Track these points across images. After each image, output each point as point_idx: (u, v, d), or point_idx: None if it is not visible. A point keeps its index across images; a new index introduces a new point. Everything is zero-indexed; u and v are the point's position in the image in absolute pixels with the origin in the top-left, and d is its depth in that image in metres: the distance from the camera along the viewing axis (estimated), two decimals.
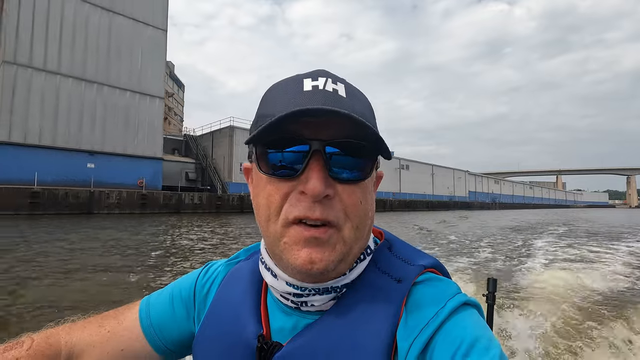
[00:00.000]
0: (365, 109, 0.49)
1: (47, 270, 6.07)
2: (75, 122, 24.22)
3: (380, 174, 0.56)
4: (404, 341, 0.45)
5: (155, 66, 28.57)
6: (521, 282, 5.47)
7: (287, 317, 0.53)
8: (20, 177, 20.94)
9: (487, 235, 13.06)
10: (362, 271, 0.52)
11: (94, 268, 6.31)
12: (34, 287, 5.15)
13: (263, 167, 0.48)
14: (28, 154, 21.83)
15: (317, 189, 0.43)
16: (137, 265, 6.66)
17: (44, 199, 20.59)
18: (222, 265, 0.66)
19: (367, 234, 0.51)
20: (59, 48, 23.83)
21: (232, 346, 0.53)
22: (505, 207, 78.90)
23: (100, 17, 25.81)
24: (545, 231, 15.03)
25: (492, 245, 10.17)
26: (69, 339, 0.61)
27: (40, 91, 22.93)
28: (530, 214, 38.33)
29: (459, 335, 0.43)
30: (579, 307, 4.17)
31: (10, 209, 19.38)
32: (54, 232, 11.83)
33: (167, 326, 0.62)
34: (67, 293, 4.88)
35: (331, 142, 0.45)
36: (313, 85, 0.46)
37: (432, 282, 0.50)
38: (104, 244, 9.28)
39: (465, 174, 77.89)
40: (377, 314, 0.47)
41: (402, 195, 54.33)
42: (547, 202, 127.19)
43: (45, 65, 23.23)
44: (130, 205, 23.83)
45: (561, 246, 9.65)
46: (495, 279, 1.55)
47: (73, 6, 24.57)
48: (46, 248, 8.37)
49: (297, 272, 0.48)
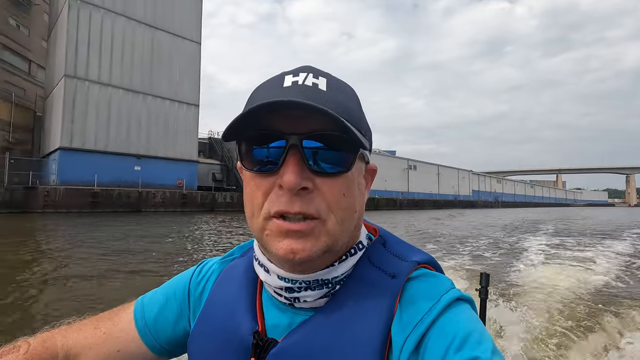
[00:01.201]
0: (350, 102, 0.49)
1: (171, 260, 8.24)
2: (124, 128, 26.78)
3: (372, 167, 0.56)
4: (398, 336, 0.45)
5: (190, 76, 31.11)
6: (514, 277, 5.57)
7: (282, 313, 0.53)
8: (82, 179, 23.47)
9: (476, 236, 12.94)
10: (354, 267, 0.52)
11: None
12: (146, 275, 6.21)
13: (246, 164, 0.49)
14: (87, 158, 24.39)
15: (292, 181, 0.44)
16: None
17: (102, 198, 23.13)
18: (217, 263, 0.66)
19: (355, 228, 0.52)
20: (110, 62, 26.39)
21: (228, 343, 0.54)
22: (507, 206, 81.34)
23: (144, 32, 28.36)
24: (539, 230, 15.24)
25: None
26: (65, 341, 0.61)
27: (96, 101, 25.49)
28: (530, 213, 39.39)
29: (452, 330, 0.43)
30: (570, 301, 4.28)
31: (76, 207, 21.95)
32: (151, 226, 14.36)
33: (162, 326, 0.63)
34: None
35: (309, 135, 0.45)
36: (293, 81, 0.47)
37: (426, 277, 0.51)
38: (197, 238, 11.82)
39: (469, 173, 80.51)
40: (371, 310, 0.48)
41: (411, 195, 56.94)
42: (547, 200, 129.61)
43: (99, 78, 25.78)
44: (173, 204, 26.37)
45: (555, 243, 9.94)
46: (488, 274, 1.57)
47: (122, 24, 27.12)
48: (161, 239, 10.91)
49: (282, 262, 0.48)
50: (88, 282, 5.56)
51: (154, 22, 28.87)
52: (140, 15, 28.14)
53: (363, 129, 0.49)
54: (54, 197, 21.74)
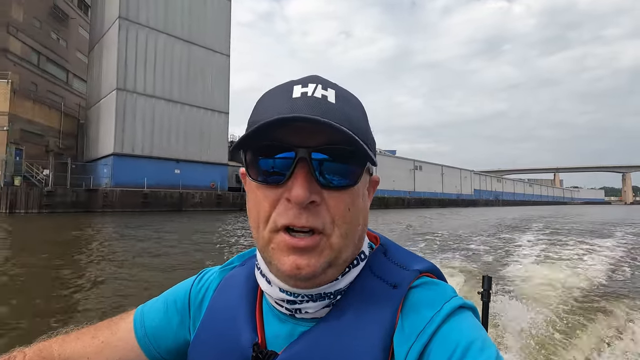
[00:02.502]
0: (357, 114, 0.49)
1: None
2: (165, 135, 29.54)
3: (375, 179, 0.56)
4: (401, 347, 0.45)
5: (221, 86, 33.95)
6: (516, 279, 5.51)
7: (283, 324, 0.53)
8: (133, 182, 26.18)
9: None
10: (356, 277, 0.52)
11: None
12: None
13: (252, 174, 0.48)
14: (136, 163, 27.11)
15: (301, 196, 0.43)
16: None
17: (151, 199, 25.86)
18: (216, 272, 0.66)
19: (358, 240, 0.51)
20: (153, 75, 29.14)
21: (227, 354, 0.53)
22: (507, 204, 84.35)
23: (181, 47, 31.12)
24: (539, 227, 15.47)
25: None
26: (62, 351, 0.60)
27: (142, 111, 28.25)
28: (531, 211, 40.32)
29: (454, 339, 0.43)
30: (573, 302, 4.26)
31: (129, 207, 24.68)
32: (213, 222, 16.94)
33: (162, 335, 0.62)
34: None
35: (317, 148, 0.45)
36: (302, 92, 0.46)
37: (427, 286, 0.51)
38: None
39: (470, 173, 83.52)
40: (373, 320, 0.47)
41: (417, 194, 59.87)
42: (545, 199, 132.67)
43: (145, 90, 28.54)
44: (209, 204, 29.14)
45: (555, 242, 9.97)
46: (490, 277, 1.58)
47: (163, 40, 29.90)
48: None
49: (286, 277, 0.48)
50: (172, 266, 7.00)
51: (189, 37, 31.62)
52: (178, 32, 30.88)
53: (369, 141, 0.49)
54: (111, 198, 24.46)
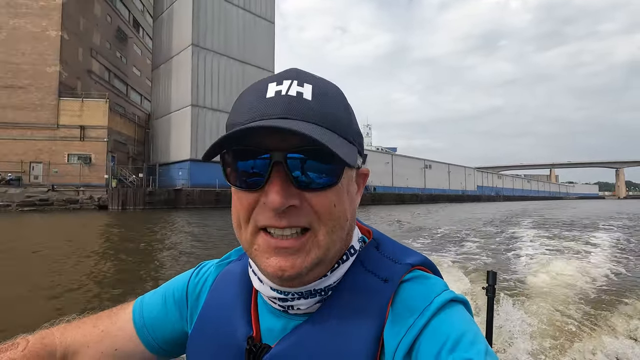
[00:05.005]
0: (336, 108, 0.47)
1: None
2: None
3: (364, 171, 0.55)
4: (390, 341, 0.45)
5: None
6: (520, 274, 5.41)
7: (277, 318, 0.53)
8: (206, 183, 31.40)
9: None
10: (348, 271, 0.52)
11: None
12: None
13: (230, 178, 0.48)
14: (207, 167, 32.25)
15: (277, 202, 0.43)
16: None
17: (222, 197, 31.10)
18: (214, 266, 0.67)
19: (346, 236, 0.51)
20: (218, 91, 34.43)
21: (224, 347, 0.54)
22: (507, 199, 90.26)
23: (238, 67, 36.44)
24: (539, 221, 15.98)
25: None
26: (63, 339, 0.62)
27: (210, 123, 33.48)
28: (531, 205, 42.56)
29: (445, 332, 0.43)
30: (578, 297, 4.22)
31: (205, 204, 29.95)
32: None
33: (160, 326, 0.63)
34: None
35: (293, 150, 0.44)
36: (276, 91, 0.45)
37: (418, 280, 0.51)
38: None
39: (474, 170, 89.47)
40: (364, 315, 0.48)
41: (428, 191, 65.67)
42: (542, 194, 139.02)
43: (212, 105, 33.83)
44: None
45: (555, 236, 10.01)
46: (495, 272, 1.58)
47: (224, 62, 35.24)
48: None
49: (271, 278, 0.48)
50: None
51: (244, 58, 36.89)
52: (235, 53, 36.12)
53: (351, 134, 0.48)
54: (192, 197, 29.71)
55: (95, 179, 28.85)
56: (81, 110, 29.65)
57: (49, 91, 29.07)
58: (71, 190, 26.39)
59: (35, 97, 28.82)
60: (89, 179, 28.73)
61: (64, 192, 26.14)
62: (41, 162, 28.68)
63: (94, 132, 29.68)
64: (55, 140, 29.07)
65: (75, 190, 26.55)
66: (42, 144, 28.81)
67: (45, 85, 29.03)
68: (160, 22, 37.86)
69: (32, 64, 28.94)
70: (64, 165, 28.91)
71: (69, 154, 29.27)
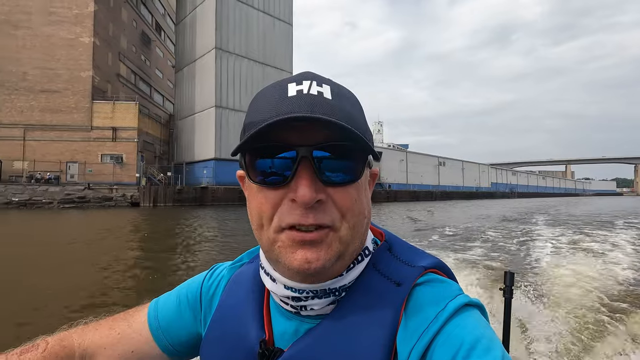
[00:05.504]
0: (354, 109, 0.49)
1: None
2: None
3: (374, 171, 0.56)
4: (404, 346, 0.45)
5: None
6: (539, 275, 5.29)
7: (289, 321, 0.53)
8: (230, 181, 32.71)
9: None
10: (361, 273, 0.52)
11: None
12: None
13: (253, 176, 0.48)
14: (232, 166, 33.46)
15: (307, 196, 0.43)
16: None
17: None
18: (226, 268, 0.68)
19: (364, 233, 0.52)
20: (239, 93, 35.67)
21: (237, 351, 0.55)
22: (522, 196, 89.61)
23: (258, 69, 37.63)
24: (556, 219, 15.78)
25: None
26: (81, 341, 0.63)
27: (233, 124, 34.79)
28: (547, 202, 42.32)
29: (459, 337, 0.42)
30: (600, 300, 4.08)
31: (230, 201, 31.28)
32: None
33: (174, 328, 0.64)
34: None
35: (318, 146, 0.45)
36: (297, 90, 0.46)
37: (432, 283, 0.50)
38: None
39: (488, 167, 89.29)
40: (377, 319, 0.47)
41: (442, 187, 66.07)
42: (558, 191, 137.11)
43: (234, 106, 35.09)
44: None
45: (575, 235, 9.81)
46: (512, 273, 1.55)
47: (245, 64, 36.44)
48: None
49: (295, 273, 0.48)
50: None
51: (264, 60, 38.07)
52: (255, 56, 37.30)
53: (367, 135, 0.49)
54: (217, 194, 31.09)
55: (127, 178, 30.49)
56: (112, 113, 31.29)
57: (83, 95, 30.78)
58: (105, 188, 27.99)
59: (71, 100, 30.55)
60: (121, 177, 30.40)
61: (99, 190, 27.77)
62: (77, 162, 30.47)
63: (125, 133, 31.29)
64: (89, 141, 30.80)
65: (108, 188, 28.15)
66: (77, 144, 30.58)
67: (80, 89, 30.74)
68: (183, 26, 39.24)
69: (68, 69, 30.66)
70: (97, 164, 30.65)
71: (102, 154, 30.99)
